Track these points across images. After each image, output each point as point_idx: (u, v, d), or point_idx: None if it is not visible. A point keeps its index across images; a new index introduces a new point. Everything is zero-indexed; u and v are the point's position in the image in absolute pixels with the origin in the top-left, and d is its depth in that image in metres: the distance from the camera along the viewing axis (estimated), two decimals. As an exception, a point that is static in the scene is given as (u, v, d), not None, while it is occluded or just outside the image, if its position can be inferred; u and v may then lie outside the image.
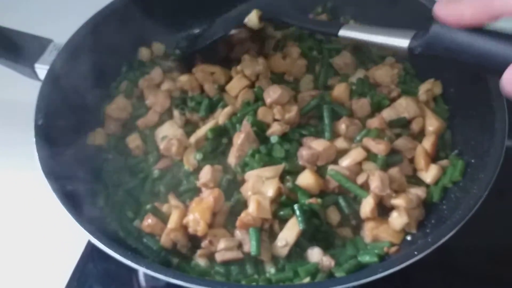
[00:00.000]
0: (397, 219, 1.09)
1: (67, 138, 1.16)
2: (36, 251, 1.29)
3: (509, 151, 1.06)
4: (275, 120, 1.21)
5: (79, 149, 1.19)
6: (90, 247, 1.25)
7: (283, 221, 1.09)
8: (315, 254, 1.06)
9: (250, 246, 1.04)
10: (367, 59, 1.40)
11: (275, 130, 1.19)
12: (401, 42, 0.99)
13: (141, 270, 0.95)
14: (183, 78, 1.32)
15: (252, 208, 1.06)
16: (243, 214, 1.06)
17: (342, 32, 1.13)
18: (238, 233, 1.08)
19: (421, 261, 0.94)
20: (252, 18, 1.25)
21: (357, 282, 0.89)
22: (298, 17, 1.31)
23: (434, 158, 1.20)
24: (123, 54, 1.39)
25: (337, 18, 1.47)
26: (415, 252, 0.92)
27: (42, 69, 1.25)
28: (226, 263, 1.06)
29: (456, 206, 1.05)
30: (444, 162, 1.19)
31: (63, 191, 1.02)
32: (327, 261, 1.04)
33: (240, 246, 1.07)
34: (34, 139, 1.09)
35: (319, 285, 0.93)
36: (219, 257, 1.06)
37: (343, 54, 1.38)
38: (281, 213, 1.09)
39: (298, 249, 1.08)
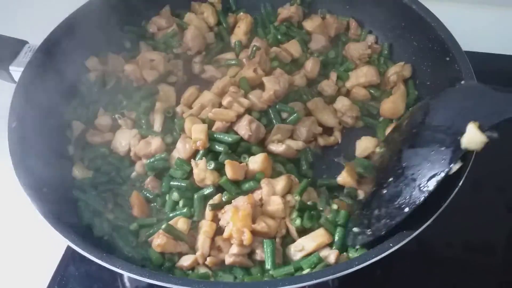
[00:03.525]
0: None
1: (42, 141, 1.15)
2: (15, 253, 1.27)
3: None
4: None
5: (55, 153, 1.18)
6: (71, 249, 1.23)
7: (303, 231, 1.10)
8: (323, 250, 1.07)
9: (266, 262, 1.04)
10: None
11: None
12: None
13: (119, 272, 0.93)
14: (129, 68, 1.32)
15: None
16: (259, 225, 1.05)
17: None
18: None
19: (401, 251, 0.94)
20: (473, 137, 0.89)
21: (334, 275, 0.89)
22: None
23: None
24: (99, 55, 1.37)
25: (315, 12, 1.48)
26: (390, 244, 0.93)
27: (16, 71, 1.24)
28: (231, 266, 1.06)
29: (431, 198, 1.05)
30: None
31: (37, 193, 1.02)
32: (332, 254, 1.04)
33: (251, 253, 1.07)
34: (7, 143, 1.08)
35: (300, 279, 0.93)
36: (228, 260, 1.05)
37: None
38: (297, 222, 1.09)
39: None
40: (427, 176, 0.92)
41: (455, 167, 0.90)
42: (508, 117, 0.89)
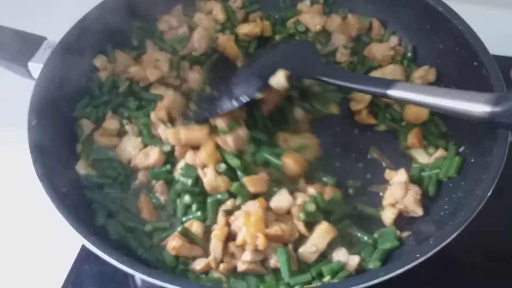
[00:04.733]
0: (387, 216, 1.13)
1: (61, 140, 1.14)
2: (30, 252, 1.26)
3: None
4: None
5: (72, 153, 1.17)
6: (85, 248, 1.23)
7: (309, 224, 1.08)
8: (341, 255, 1.05)
9: (282, 271, 1.01)
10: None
11: None
12: (478, 107, 0.86)
13: (138, 276, 0.92)
14: (133, 69, 1.29)
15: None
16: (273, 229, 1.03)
17: (393, 93, 1.00)
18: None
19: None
20: (279, 80, 1.15)
21: (357, 286, 0.88)
22: (336, 73, 1.15)
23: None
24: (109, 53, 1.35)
25: (336, 11, 1.45)
26: (417, 255, 0.91)
27: (35, 68, 1.23)
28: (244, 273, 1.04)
29: (458, 207, 1.03)
30: (441, 152, 1.19)
31: (57, 194, 1.00)
32: (353, 260, 1.03)
33: (264, 260, 1.04)
34: (28, 140, 1.07)
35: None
36: (241, 267, 1.03)
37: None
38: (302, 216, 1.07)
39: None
40: (242, 93, 1.16)
41: (258, 95, 1.16)
42: (309, 77, 1.20)
